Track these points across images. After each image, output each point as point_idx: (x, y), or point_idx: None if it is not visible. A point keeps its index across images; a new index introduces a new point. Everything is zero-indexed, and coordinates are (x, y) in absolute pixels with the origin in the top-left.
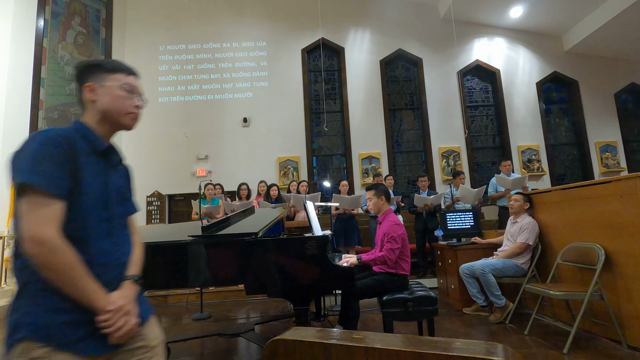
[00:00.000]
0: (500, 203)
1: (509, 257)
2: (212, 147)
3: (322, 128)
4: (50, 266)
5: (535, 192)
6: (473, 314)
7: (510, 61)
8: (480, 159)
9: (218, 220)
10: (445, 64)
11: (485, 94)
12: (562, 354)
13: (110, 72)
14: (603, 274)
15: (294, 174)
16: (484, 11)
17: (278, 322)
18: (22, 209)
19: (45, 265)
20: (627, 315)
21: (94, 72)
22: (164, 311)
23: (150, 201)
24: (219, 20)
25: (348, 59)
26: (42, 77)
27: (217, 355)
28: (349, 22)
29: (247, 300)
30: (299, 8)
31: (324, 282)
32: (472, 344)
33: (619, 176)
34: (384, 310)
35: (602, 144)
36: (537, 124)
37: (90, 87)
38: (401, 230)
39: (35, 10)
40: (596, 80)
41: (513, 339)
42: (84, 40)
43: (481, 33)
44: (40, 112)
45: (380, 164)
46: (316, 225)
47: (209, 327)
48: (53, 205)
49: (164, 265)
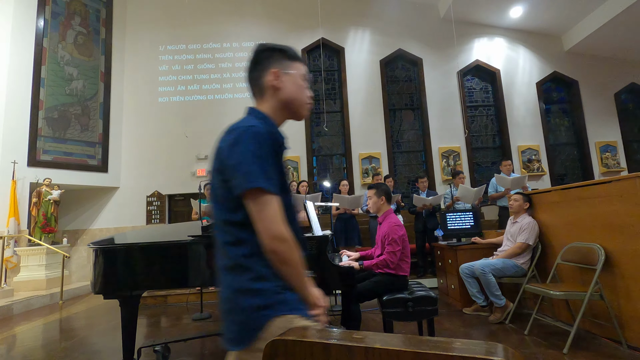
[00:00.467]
0: (500, 203)
1: (509, 257)
2: (212, 147)
3: (322, 128)
4: (288, 262)
5: (535, 192)
6: (473, 314)
7: (510, 61)
8: (480, 159)
9: None
10: (445, 64)
11: (485, 94)
12: (562, 354)
13: (293, 60)
14: (603, 274)
15: (294, 174)
16: (484, 11)
17: None
18: (256, 209)
19: (284, 261)
20: (627, 315)
21: (278, 57)
22: (164, 311)
23: (150, 201)
24: (219, 20)
25: (348, 59)
26: (42, 77)
27: (217, 355)
28: (349, 22)
29: None
30: (299, 8)
31: (324, 282)
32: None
33: (619, 176)
34: (384, 310)
35: (602, 144)
36: (537, 124)
37: (276, 73)
38: (402, 231)
39: (35, 10)
40: (596, 80)
41: (513, 339)
42: (84, 40)
43: (481, 33)
44: (40, 112)
45: (380, 164)
46: (316, 225)
47: (209, 327)
48: (278, 204)
49: (164, 265)
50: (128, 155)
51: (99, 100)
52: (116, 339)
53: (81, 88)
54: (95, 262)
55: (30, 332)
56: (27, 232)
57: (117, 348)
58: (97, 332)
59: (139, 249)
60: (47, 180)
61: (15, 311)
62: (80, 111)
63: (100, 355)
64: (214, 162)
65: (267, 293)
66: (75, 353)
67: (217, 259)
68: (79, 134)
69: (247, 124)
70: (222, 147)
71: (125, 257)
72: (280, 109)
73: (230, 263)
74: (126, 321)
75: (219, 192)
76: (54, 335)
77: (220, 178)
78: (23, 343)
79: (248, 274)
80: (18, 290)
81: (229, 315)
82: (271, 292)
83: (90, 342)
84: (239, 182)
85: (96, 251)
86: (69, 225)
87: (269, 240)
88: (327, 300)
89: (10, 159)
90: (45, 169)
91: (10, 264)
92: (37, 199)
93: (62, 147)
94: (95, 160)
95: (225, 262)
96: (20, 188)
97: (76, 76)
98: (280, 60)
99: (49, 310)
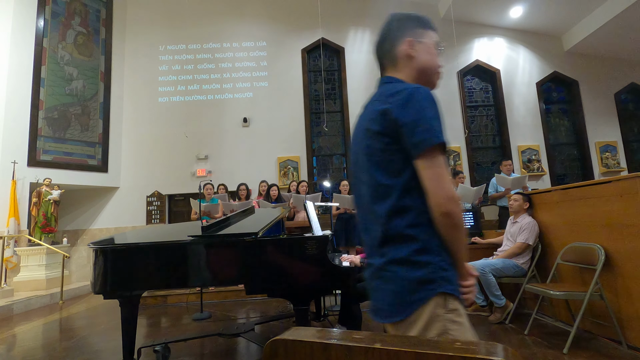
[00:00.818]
0: (500, 203)
1: (509, 257)
2: (212, 147)
3: (322, 128)
4: (459, 225)
5: (535, 192)
6: (473, 314)
7: (510, 61)
8: (480, 159)
9: (218, 220)
10: (445, 64)
11: (485, 94)
12: (562, 354)
13: (427, 28)
14: (603, 274)
15: (294, 174)
16: (484, 11)
17: (278, 322)
18: (433, 168)
19: (456, 225)
20: (627, 315)
21: (412, 26)
22: (164, 311)
23: (150, 201)
24: (219, 20)
25: (348, 59)
26: (42, 77)
27: (217, 355)
28: (349, 22)
29: (247, 300)
30: (299, 8)
31: (324, 282)
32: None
33: (619, 176)
34: None
35: (602, 144)
36: (537, 124)
37: (410, 42)
38: None
39: (35, 10)
40: (596, 80)
41: (513, 339)
42: (84, 40)
43: (481, 33)
44: (40, 112)
45: None
46: (316, 225)
47: (209, 327)
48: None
49: (164, 266)
50: (128, 155)
51: (99, 100)
52: (116, 339)
53: (81, 88)
54: (95, 262)
55: (30, 332)
56: (27, 232)
57: (117, 348)
58: (97, 332)
59: (139, 249)
60: (47, 180)
61: (15, 311)
62: (80, 111)
63: (100, 355)
64: (371, 126)
65: (431, 267)
66: (75, 353)
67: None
68: (79, 134)
69: (409, 86)
70: (389, 109)
71: (125, 257)
72: (414, 77)
73: (390, 233)
74: (126, 321)
75: (377, 158)
76: (54, 335)
77: (384, 141)
78: (23, 343)
79: (412, 244)
80: (18, 290)
81: (383, 286)
82: (436, 267)
83: (90, 342)
84: (420, 138)
85: (96, 251)
86: (69, 225)
87: (445, 200)
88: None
89: (10, 159)
90: (45, 169)
91: (10, 264)
92: (37, 199)
93: (62, 147)
94: (95, 160)
95: (379, 231)
96: (20, 188)
97: (76, 76)
98: (414, 29)
99: (49, 310)
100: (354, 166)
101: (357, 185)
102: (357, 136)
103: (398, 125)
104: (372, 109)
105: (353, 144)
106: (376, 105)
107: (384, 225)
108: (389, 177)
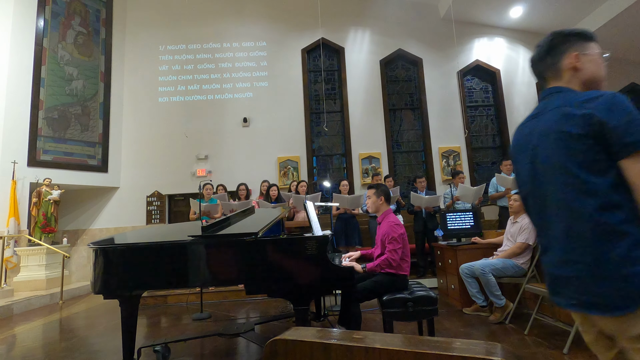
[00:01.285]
0: (500, 203)
1: (509, 257)
2: (212, 147)
3: (322, 128)
4: None
5: None
6: (473, 314)
7: (510, 61)
8: (480, 159)
9: (218, 220)
10: (445, 64)
11: (485, 94)
12: (562, 354)
13: (590, 40)
14: None
15: (294, 174)
16: (484, 11)
17: (278, 322)
18: None
19: None
20: None
21: (575, 41)
22: (164, 311)
23: (150, 201)
24: (219, 20)
25: (348, 59)
26: (42, 77)
27: (217, 355)
28: (349, 22)
29: (247, 300)
30: (299, 8)
31: (324, 282)
32: (472, 344)
33: None
34: (384, 310)
35: None
36: None
37: (577, 56)
38: (401, 230)
39: (35, 10)
40: None
41: (513, 339)
42: (84, 40)
43: (481, 33)
44: (40, 112)
45: (380, 164)
46: (316, 225)
47: (209, 327)
48: None
49: (164, 266)
50: (128, 155)
51: (99, 100)
52: (116, 339)
53: (81, 88)
54: (95, 262)
55: (30, 332)
56: (27, 232)
57: (117, 348)
58: (97, 332)
59: (139, 249)
60: (47, 180)
61: (15, 311)
62: (80, 111)
63: (100, 355)
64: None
65: None
66: (75, 353)
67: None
68: (79, 134)
69: (606, 92)
70: (592, 113)
71: (125, 257)
72: (582, 88)
73: (598, 229)
74: (126, 321)
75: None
76: (54, 335)
77: (587, 143)
78: (23, 343)
79: (626, 240)
80: (18, 290)
81: (597, 282)
82: None
83: (90, 342)
84: (633, 139)
85: (96, 251)
86: (69, 225)
87: None
88: None
89: (10, 159)
90: (45, 169)
91: (10, 264)
92: (37, 199)
93: (62, 147)
94: (95, 160)
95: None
96: (20, 188)
97: (76, 76)
98: (577, 43)
99: (49, 310)
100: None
101: (540, 187)
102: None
103: (605, 128)
104: (561, 114)
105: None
106: (568, 111)
107: (592, 222)
108: (595, 175)
